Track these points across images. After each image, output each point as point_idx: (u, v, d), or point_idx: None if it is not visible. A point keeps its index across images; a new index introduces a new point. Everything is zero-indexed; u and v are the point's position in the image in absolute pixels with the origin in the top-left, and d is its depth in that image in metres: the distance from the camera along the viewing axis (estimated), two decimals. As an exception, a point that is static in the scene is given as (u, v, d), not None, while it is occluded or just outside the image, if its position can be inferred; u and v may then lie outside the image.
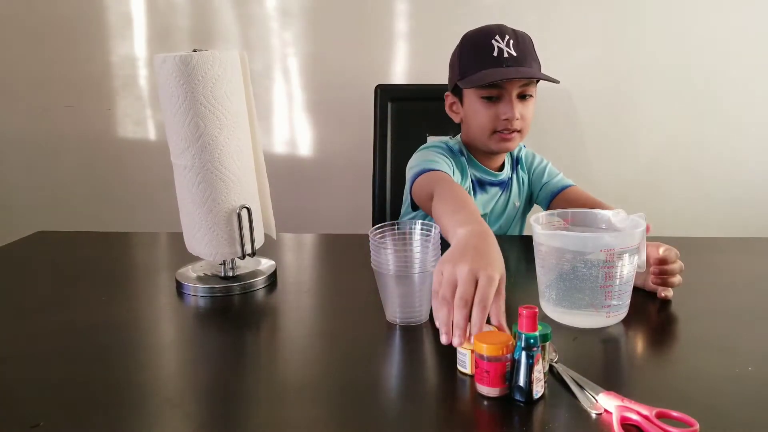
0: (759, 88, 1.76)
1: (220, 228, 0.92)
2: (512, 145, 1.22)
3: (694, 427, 0.55)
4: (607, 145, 1.83)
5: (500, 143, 1.21)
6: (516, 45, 1.17)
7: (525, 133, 1.22)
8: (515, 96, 1.17)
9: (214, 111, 0.88)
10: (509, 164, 1.33)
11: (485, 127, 1.20)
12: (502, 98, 1.18)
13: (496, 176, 1.29)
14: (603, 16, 1.75)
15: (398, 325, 0.80)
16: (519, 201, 1.33)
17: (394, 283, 0.78)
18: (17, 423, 0.60)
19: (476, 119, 1.21)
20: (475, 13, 1.74)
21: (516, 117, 1.17)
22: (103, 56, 1.91)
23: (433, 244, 0.79)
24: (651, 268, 0.87)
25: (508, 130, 1.19)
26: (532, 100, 1.21)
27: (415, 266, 0.77)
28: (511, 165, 1.34)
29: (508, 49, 1.16)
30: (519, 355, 0.61)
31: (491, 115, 1.19)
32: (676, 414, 0.56)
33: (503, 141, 1.20)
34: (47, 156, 2.00)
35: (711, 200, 1.83)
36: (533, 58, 1.19)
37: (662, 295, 0.86)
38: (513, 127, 1.18)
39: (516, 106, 1.17)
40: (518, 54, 1.16)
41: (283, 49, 1.86)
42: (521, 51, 1.17)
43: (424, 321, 0.80)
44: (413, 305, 0.79)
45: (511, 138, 1.20)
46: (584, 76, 1.79)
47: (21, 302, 0.94)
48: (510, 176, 1.33)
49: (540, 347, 0.61)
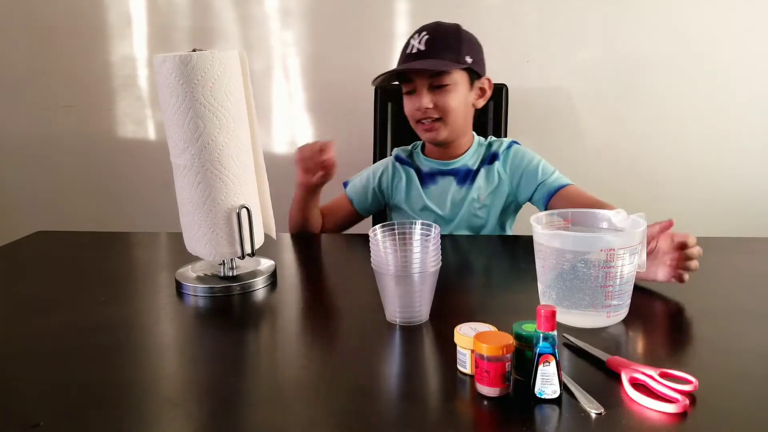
0: (759, 88, 1.76)
1: (220, 228, 0.92)
2: (436, 135, 1.27)
3: (694, 384, 0.61)
4: (607, 145, 1.83)
5: (424, 133, 1.29)
6: (429, 40, 1.23)
7: (449, 121, 1.26)
8: (426, 87, 1.24)
9: (214, 111, 0.88)
10: (477, 156, 1.34)
11: (410, 119, 1.30)
12: (416, 91, 1.25)
13: (445, 165, 1.33)
14: (603, 16, 1.75)
15: (398, 325, 0.80)
16: (486, 196, 1.31)
17: (394, 283, 0.78)
18: (17, 422, 0.60)
19: (406, 112, 1.31)
20: (475, 13, 1.74)
21: (426, 106, 1.23)
22: (103, 56, 1.91)
23: (433, 244, 0.79)
24: (668, 256, 0.88)
25: (429, 119, 1.26)
26: (449, 90, 1.24)
27: (415, 266, 0.77)
28: (482, 158, 1.33)
29: (419, 45, 1.23)
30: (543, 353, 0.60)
31: (410, 108, 1.28)
32: (677, 373, 0.62)
33: (425, 131, 1.28)
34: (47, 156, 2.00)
35: (711, 200, 1.83)
36: (447, 50, 1.23)
37: (685, 279, 0.87)
38: (431, 116, 1.25)
39: (424, 97, 1.23)
40: (426, 48, 1.22)
41: (283, 49, 1.87)
42: (431, 45, 1.22)
43: (424, 321, 0.80)
44: (413, 305, 0.79)
45: (432, 127, 1.27)
46: (584, 76, 1.79)
47: (21, 302, 0.94)
48: (473, 168, 1.32)
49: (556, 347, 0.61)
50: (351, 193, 1.39)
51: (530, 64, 1.78)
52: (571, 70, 1.79)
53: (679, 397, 0.59)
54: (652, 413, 0.58)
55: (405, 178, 1.35)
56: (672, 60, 1.76)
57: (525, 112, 1.75)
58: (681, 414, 0.58)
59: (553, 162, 1.36)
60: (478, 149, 1.34)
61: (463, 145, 1.34)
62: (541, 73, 1.79)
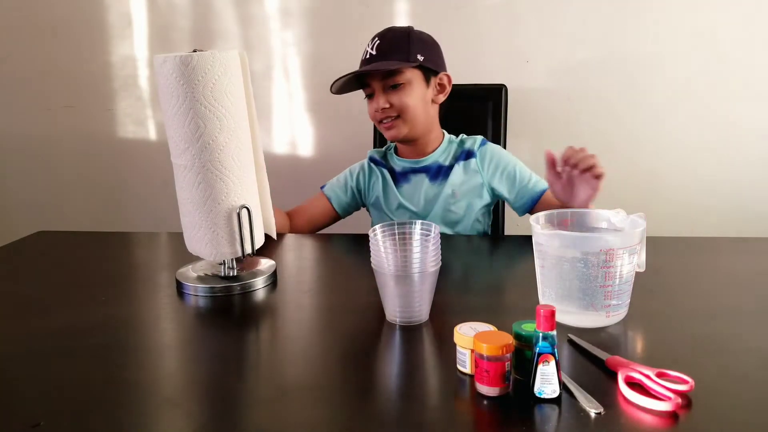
0: (759, 88, 1.76)
1: (220, 228, 0.92)
2: (397, 133, 1.31)
3: (690, 384, 0.61)
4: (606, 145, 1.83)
5: (386, 131, 1.33)
6: (379, 45, 1.29)
7: (408, 118, 1.30)
8: (382, 89, 1.29)
9: (215, 111, 0.88)
10: (448, 153, 1.37)
11: (373, 120, 1.36)
12: (374, 93, 1.30)
13: (416, 162, 1.37)
14: (603, 16, 1.75)
15: (398, 325, 0.80)
16: (461, 192, 1.33)
17: (393, 283, 0.78)
18: (18, 422, 0.60)
19: (369, 115, 1.36)
20: (475, 13, 1.74)
21: (382, 106, 1.28)
22: (103, 56, 1.92)
23: (433, 244, 0.79)
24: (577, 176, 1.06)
25: (388, 117, 1.30)
26: (404, 88, 1.28)
27: (415, 266, 0.77)
28: (454, 155, 1.36)
29: (371, 51, 1.29)
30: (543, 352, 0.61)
31: (371, 110, 1.33)
32: (674, 373, 0.63)
33: (387, 129, 1.32)
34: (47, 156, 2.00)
35: (711, 200, 1.82)
36: (396, 52, 1.28)
37: (599, 172, 1.04)
38: (390, 115, 1.29)
39: (380, 97, 1.29)
40: (377, 53, 1.28)
41: (284, 49, 1.87)
42: (381, 50, 1.28)
43: (424, 321, 0.80)
44: (413, 305, 0.79)
45: (391, 125, 1.31)
46: (584, 76, 1.79)
47: (21, 302, 0.94)
48: (444, 164, 1.35)
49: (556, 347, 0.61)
50: (329, 192, 1.41)
51: (530, 64, 1.78)
52: (571, 70, 1.79)
53: (671, 395, 0.59)
54: (650, 412, 0.58)
55: (380, 179, 1.39)
56: (672, 60, 1.76)
57: (525, 112, 1.75)
58: (679, 414, 0.58)
59: (554, 162, 1.36)
60: (449, 146, 1.38)
61: (431, 141, 1.37)
62: (541, 73, 1.79)
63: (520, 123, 1.71)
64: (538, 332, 0.61)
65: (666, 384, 0.61)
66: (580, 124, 1.82)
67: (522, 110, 1.70)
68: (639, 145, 1.82)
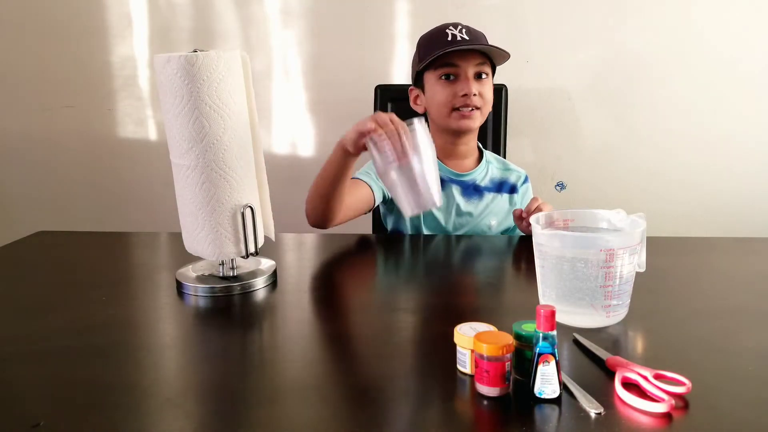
0: (759, 87, 1.76)
1: (224, 228, 0.92)
2: (472, 123, 1.26)
3: (687, 386, 0.61)
4: (606, 145, 1.83)
5: (460, 120, 1.25)
6: (468, 32, 1.24)
7: (485, 113, 1.27)
8: (472, 74, 1.23)
9: (219, 111, 0.88)
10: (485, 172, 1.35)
11: (445, 105, 1.25)
12: (459, 77, 1.23)
13: (457, 176, 1.32)
14: (603, 16, 1.75)
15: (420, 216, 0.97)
16: (498, 221, 1.34)
17: (397, 174, 0.86)
18: (18, 422, 0.60)
19: (435, 100, 1.26)
20: (475, 13, 1.74)
21: (473, 93, 1.22)
22: (104, 56, 1.91)
23: (420, 129, 0.88)
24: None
25: (468, 106, 1.23)
26: (489, 80, 1.26)
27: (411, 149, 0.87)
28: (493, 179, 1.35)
29: (461, 35, 1.22)
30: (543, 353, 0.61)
31: (449, 93, 1.23)
32: (672, 375, 0.63)
33: (463, 118, 1.24)
34: (47, 156, 2.00)
35: (711, 200, 1.83)
36: (486, 43, 1.25)
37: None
38: (472, 104, 1.23)
39: (472, 82, 1.23)
40: (470, 38, 1.22)
41: (284, 49, 1.86)
42: (473, 36, 1.23)
43: (439, 206, 0.92)
44: (420, 191, 0.87)
45: (470, 115, 1.24)
46: (584, 76, 1.79)
47: (21, 302, 0.94)
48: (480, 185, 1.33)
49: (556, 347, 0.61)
50: (362, 176, 1.26)
51: (530, 64, 1.78)
52: (571, 70, 1.79)
53: (666, 397, 0.59)
54: (647, 413, 0.58)
55: None
56: (671, 60, 1.76)
57: (525, 113, 1.75)
58: (678, 414, 0.58)
59: (553, 162, 1.37)
60: (487, 166, 1.35)
61: (472, 150, 1.34)
62: (541, 73, 1.79)
63: (520, 123, 1.71)
64: (538, 332, 0.61)
65: (662, 386, 0.61)
66: (580, 124, 1.82)
67: (522, 110, 1.70)
68: (639, 145, 1.82)
